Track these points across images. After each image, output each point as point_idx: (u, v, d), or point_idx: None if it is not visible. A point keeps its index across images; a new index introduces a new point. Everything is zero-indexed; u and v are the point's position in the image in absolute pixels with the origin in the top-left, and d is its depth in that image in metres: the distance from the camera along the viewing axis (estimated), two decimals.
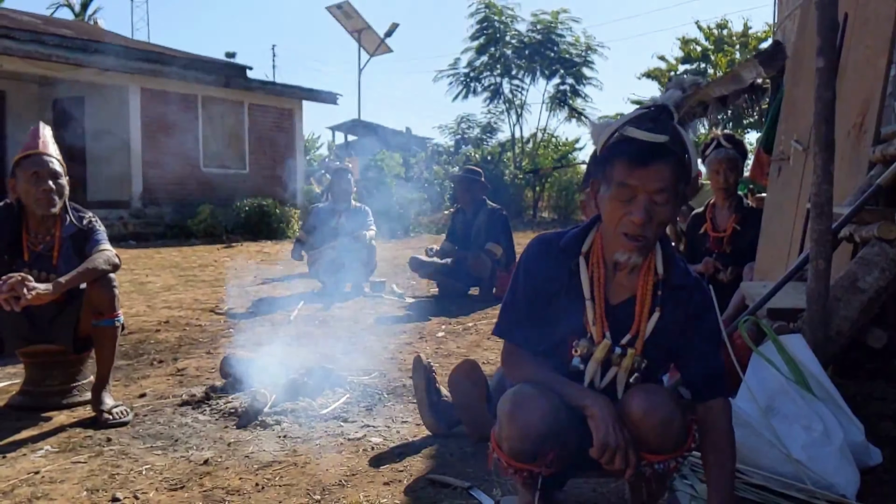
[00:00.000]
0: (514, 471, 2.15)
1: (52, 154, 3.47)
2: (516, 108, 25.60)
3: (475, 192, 7.25)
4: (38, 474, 2.74)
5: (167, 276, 8.83)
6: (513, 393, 2.11)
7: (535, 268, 2.21)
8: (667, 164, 1.98)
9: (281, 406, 3.47)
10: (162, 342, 5.05)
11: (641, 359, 2.13)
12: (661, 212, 2.01)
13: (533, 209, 23.40)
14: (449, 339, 5.25)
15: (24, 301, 3.10)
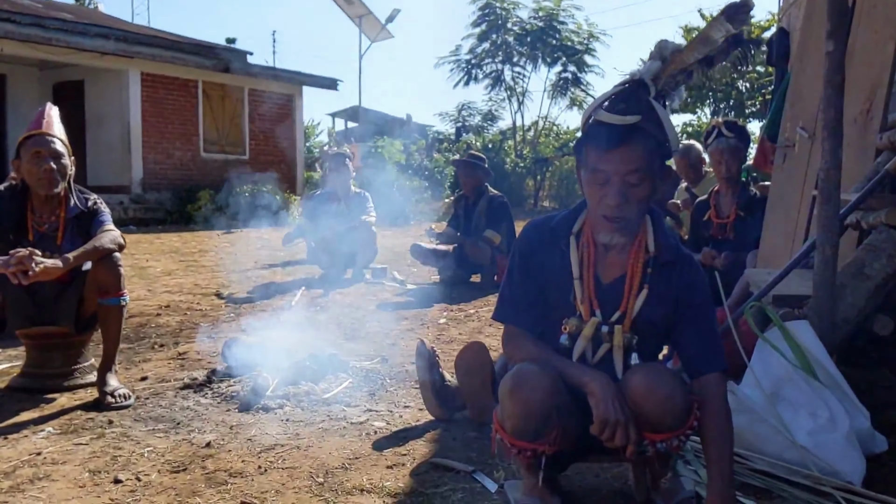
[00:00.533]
0: (517, 451, 2.15)
1: (56, 134, 3.46)
2: (518, 96, 25.50)
3: (478, 178, 7.22)
4: (40, 455, 2.73)
5: (167, 261, 8.81)
6: (514, 372, 2.12)
7: (529, 251, 2.26)
8: (638, 144, 2.02)
9: (283, 390, 3.46)
10: (163, 326, 5.04)
11: (632, 336, 2.15)
12: (637, 192, 2.05)
13: (534, 198, 23.35)
14: (451, 325, 5.24)
15: (32, 274, 3.08)
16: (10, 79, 16.09)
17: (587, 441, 2.20)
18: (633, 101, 2.07)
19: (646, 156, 2.04)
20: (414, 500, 2.37)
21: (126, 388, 3.45)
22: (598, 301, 2.18)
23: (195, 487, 2.46)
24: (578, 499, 2.36)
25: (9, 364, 3.96)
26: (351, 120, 33.78)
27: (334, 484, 2.49)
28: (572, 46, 24.65)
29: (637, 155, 2.02)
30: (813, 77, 4.29)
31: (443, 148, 23.95)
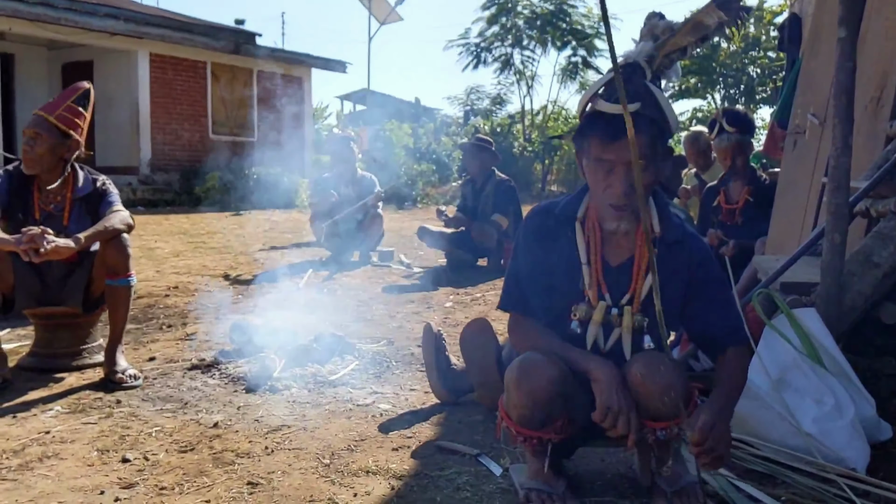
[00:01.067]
0: (523, 438, 2.17)
1: (47, 115, 3.43)
2: (527, 80, 25.37)
3: (485, 162, 7.19)
4: (49, 434, 2.76)
5: (176, 243, 8.83)
6: (520, 360, 2.13)
7: (534, 239, 2.25)
8: (639, 131, 1.97)
9: (290, 372, 3.48)
10: (171, 307, 5.06)
11: (642, 317, 2.16)
12: (643, 177, 2.01)
13: (542, 182, 23.30)
14: (457, 309, 5.25)
15: (44, 252, 3.09)
16: (19, 58, 16.09)
17: (593, 428, 2.21)
18: (631, 87, 2.04)
19: (648, 142, 2.04)
20: (419, 482, 2.38)
21: (134, 368, 3.48)
22: (607, 285, 2.18)
23: (203, 467, 2.48)
24: (583, 483, 2.37)
25: (18, 343, 3.99)
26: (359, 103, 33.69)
27: (340, 465, 2.51)
28: (582, 30, 24.50)
29: (640, 142, 1.99)
30: (824, 63, 4.26)
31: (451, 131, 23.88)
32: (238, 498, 2.26)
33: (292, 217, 13.28)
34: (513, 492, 2.30)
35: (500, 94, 26.65)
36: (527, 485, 2.23)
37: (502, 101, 26.81)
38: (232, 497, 2.26)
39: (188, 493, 2.29)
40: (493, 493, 2.31)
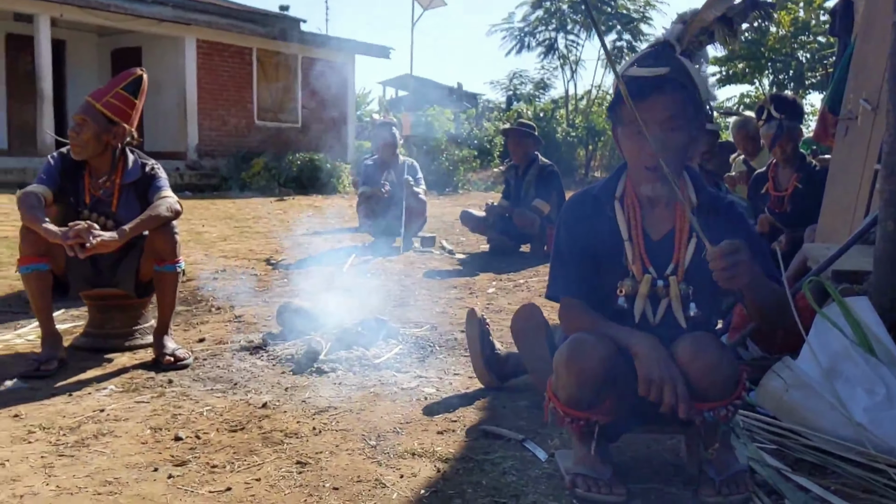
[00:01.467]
0: (570, 419, 2.18)
1: (94, 102, 3.49)
2: (571, 65, 25.20)
3: (528, 147, 7.16)
4: (104, 412, 2.83)
5: (223, 227, 8.96)
6: (569, 341, 2.15)
7: (574, 223, 2.31)
8: (669, 93, 2.10)
9: (335, 354, 3.52)
10: (219, 290, 5.14)
11: (687, 286, 2.19)
12: (674, 138, 2.12)
13: (585, 168, 23.14)
14: (500, 294, 5.25)
15: (90, 247, 3.16)
16: (70, 45, 16.41)
17: (642, 411, 2.22)
18: (663, 58, 2.16)
19: (678, 103, 2.12)
20: (465, 465, 2.40)
21: (184, 348, 3.55)
22: (650, 258, 2.22)
23: (252, 446, 2.53)
24: (630, 469, 2.37)
25: (72, 324, 4.09)
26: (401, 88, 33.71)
27: (386, 447, 2.54)
28: (628, 14, 24.25)
29: (670, 101, 2.10)
30: (878, 47, 4.16)
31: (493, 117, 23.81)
32: (287, 477, 2.30)
33: (335, 202, 13.38)
34: (558, 477, 2.30)
35: (543, 78, 26.56)
36: (573, 470, 2.23)
37: (545, 85, 26.70)
38: (281, 476, 2.30)
39: (239, 472, 2.34)
40: (539, 477, 2.32)
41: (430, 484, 2.27)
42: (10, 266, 5.73)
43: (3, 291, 4.89)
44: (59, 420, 2.74)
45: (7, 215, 9.10)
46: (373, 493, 2.20)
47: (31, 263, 3.30)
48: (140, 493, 2.18)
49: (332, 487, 2.23)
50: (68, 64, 16.37)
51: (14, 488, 2.20)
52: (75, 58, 16.58)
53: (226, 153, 16.49)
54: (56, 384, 3.14)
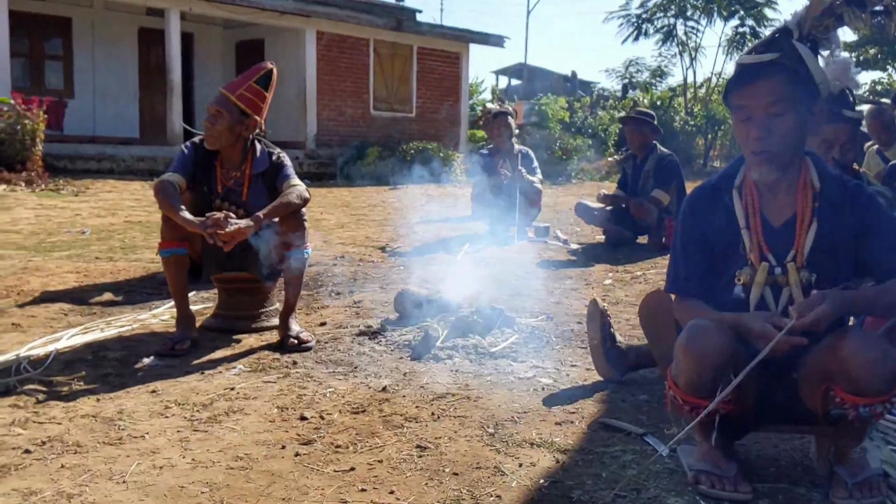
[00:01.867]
0: (689, 407, 2.13)
1: (229, 94, 3.61)
2: (690, 52, 24.41)
3: (646, 136, 6.99)
4: (234, 391, 2.96)
5: (339, 215, 9.19)
6: (689, 326, 2.13)
7: (693, 215, 2.30)
8: (774, 78, 2.09)
9: (451, 342, 3.55)
10: (338, 276, 5.29)
11: (810, 273, 2.14)
12: (781, 122, 2.09)
13: (704, 158, 22.45)
14: (616, 287, 5.17)
15: (227, 236, 3.30)
16: (197, 38, 17.17)
17: (766, 406, 2.16)
18: (776, 44, 2.16)
19: (784, 87, 2.09)
20: (584, 457, 2.39)
21: (308, 332, 3.67)
22: (769, 246, 2.19)
23: (374, 428, 2.59)
24: (756, 468, 2.30)
25: (202, 305, 4.29)
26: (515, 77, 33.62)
27: (504, 435, 2.55)
28: None
29: (774, 86, 2.08)
30: None
31: (608, 105, 23.40)
32: (408, 460, 2.35)
33: (448, 191, 13.46)
34: (680, 473, 2.26)
35: (660, 66, 25.83)
36: (696, 466, 2.19)
37: (663, 73, 25.97)
38: (402, 459, 2.35)
39: (361, 452, 2.40)
40: (660, 472, 2.28)
41: (549, 474, 2.26)
42: (144, 249, 6.07)
43: (137, 273, 5.17)
44: (193, 397, 2.88)
45: (139, 201, 9.63)
46: (492, 480, 2.21)
47: (170, 247, 3.48)
48: (269, 469, 2.27)
49: (451, 472, 2.26)
50: (195, 56, 17.13)
51: (154, 460, 2.33)
52: (202, 50, 17.35)
53: (342, 143, 16.87)
54: (189, 363, 3.31)
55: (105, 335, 3.68)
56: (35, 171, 10.72)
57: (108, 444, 2.43)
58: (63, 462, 2.30)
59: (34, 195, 9.49)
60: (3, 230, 6.78)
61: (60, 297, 4.40)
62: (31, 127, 10.93)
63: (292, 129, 16.59)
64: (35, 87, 14.24)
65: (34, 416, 2.66)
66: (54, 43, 15.67)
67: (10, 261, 5.39)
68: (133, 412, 2.71)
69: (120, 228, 7.29)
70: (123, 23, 16.13)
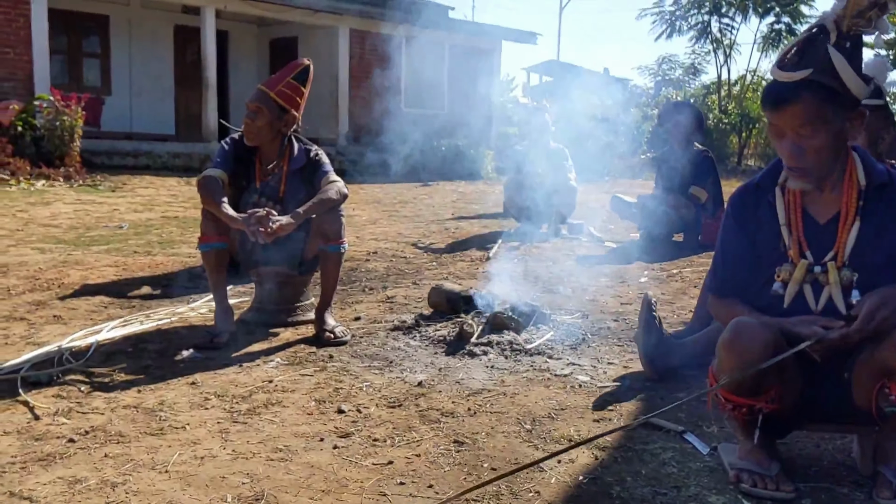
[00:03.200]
0: (732, 406, 2.11)
1: (268, 90, 3.64)
2: (724, 49, 24.10)
3: (686, 128, 6.85)
4: (272, 383, 2.99)
5: (371, 211, 9.23)
6: (732, 323, 2.10)
7: (737, 214, 2.29)
8: (807, 99, 2.02)
9: (486, 338, 3.55)
10: (372, 271, 5.31)
11: (851, 272, 2.11)
12: (812, 143, 2.06)
13: (738, 156, 22.18)
14: (652, 284, 5.13)
15: (270, 231, 3.33)
16: (232, 35, 17.31)
17: (809, 405, 2.14)
18: (810, 53, 2.06)
19: (816, 108, 2.04)
20: (623, 454, 2.37)
21: (343, 326, 3.69)
22: (811, 243, 2.17)
23: (411, 423, 2.60)
24: (798, 468, 2.27)
25: (239, 300, 4.32)
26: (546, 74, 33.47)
27: (542, 432, 2.54)
28: None
29: (806, 109, 2.03)
30: None
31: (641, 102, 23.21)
32: (446, 455, 2.35)
33: (478, 188, 13.49)
34: (721, 471, 2.24)
35: (694, 63, 25.61)
36: (737, 465, 2.17)
37: (696, 70, 25.75)
38: (440, 453, 2.36)
39: (399, 447, 2.41)
40: (700, 470, 2.26)
41: (588, 471, 2.25)
42: (181, 244, 6.14)
43: (175, 268, 5.23)
44: (232, 389, 2.91)
45: (175, 197, 9.74)
46: (531, 476, 2.21)
47: (210, 242, 3.52)
48: (309, 461, 2.29)
49: (490, 468, 2.26)
50: (230, 54, 17.28)
51: (195, 450, 2.36)
52: (237, 48, 17.49)
53: (373, 139, 16.91)
54: (228, 355, 3.34)
55: (144, 328, 3.73)
56: (73, 166, 10.90)
57: (149, 435, 2.47)
58: (106, 451, 2.33)
59: (72, 190, 9.64)
60: (43, 224, 6.90)
61: (100, 291, 4.46)
62: (70, 123, 11.10)
63: (324, 125, 16.66)
64: (73, 84, 14.43)
65: (77, 406, 2.71)
66: (92, 40, 15.88)
67: (51, 254, 5.48)
68: (174, 403, 2.74)
69: (157, 223, 7.38)
70: (160, 20, 16.31)
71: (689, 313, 4.17)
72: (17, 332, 3.60)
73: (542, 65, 33.76)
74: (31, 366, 3.07)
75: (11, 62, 12.56)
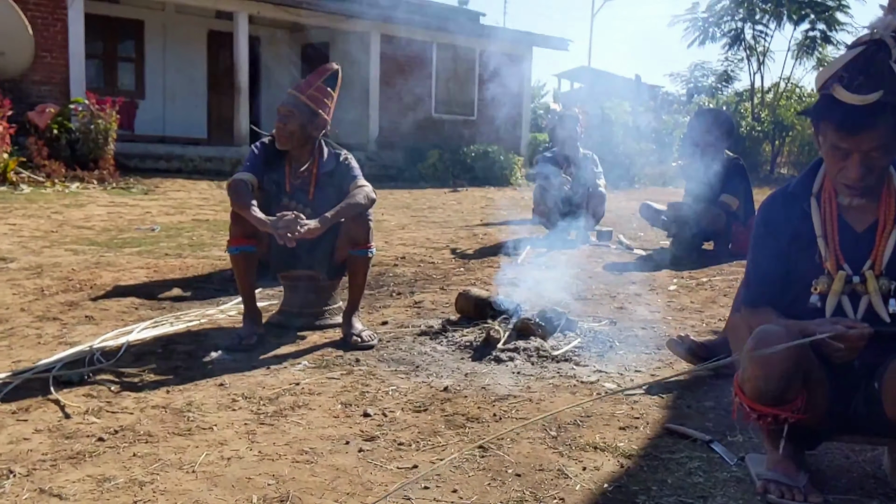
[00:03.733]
0: (757, 415, 2.09)
1: (299, 94, 3.67)
2: (758, 56, 23.87)
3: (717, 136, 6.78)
4: (299, 386, 3.01)
5: (400, 216, 9.25)
6: (755, 332, 2.07)
7: (769, 222, 2.25)
8: (882, 126, 1.97)
9: (513, 344, 3.54)
10: (400, 276, 5.32)
11: (889, 281, 2.08)
12: (881, 163, 2.04)
13: (771, 164, 21.94)
14: (681, 293, 5.09)
15: (298, 235, 3.36)
16: (264, 40, 17.49)
17: (839, 415, 2.11)
18: (874, 71, 1.98)
19: (889, 132, 1.98)
20: (649, 462, 2.35)
21: (370, 330, 3.70)
22: (848, 253, 2.13)
23: (436, 427, 2.60)
24: (826, 479, 2.24)
25: (267, 302, 4.36)
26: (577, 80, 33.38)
27: (567, 438, 2.53)
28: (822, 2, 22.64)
29: (883, 134, 1.98)
30: None
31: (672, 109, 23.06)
32: (470, 460, 2.35)
33: (508, 194, 13.48)
34: (748, 481, 2.21)
35: (727, 70, 25.35)
36: (765, 475, 2.14)
37: (729, 78, 25.49)
38: (465, 458, 2.35)
39: (424, 451, 2.41)
40: (727, 480, 2.24)
41: (613, 478, 2.24)
42: (211, 247, 6.20)
43: (205, 270, 5.29)
44: (260, 391, 2.93)
45: (206, 200, 9.85)
46: (556, 483, 2.20)
47: (240, 245, 3.55)
48: (334, 463, 2.30)
49: (514, 474, 2.25)
50: (262, 59, 17.44)
51: (222, 451, 2.38)
52: (269, 53, 17.65)
53: (403, 145, 16.98)
54: (256, 357, 3.37)
55: (174, 329, 3.77)
56: (107, 169, 11.07)
57: (177, 435, 2.50)
58: (135, 451, 2.36)
59: (106, 193, 9.79)
60: (77, 226, 7.01)
61: (131, 292, 4.52)
62: (104, 127, 11.28)
63: (355, 131, 16.76)
64: (108, 88, 14.66)
65: (107, 405, 2.75)
66: (127, 45, 16.13)
67: (84, 256, 5.56)
68: (202, 404, 2.77)
69: (188, 226, 7.47)
70: (193, 25, 16.53)
71: (720, 322, 4.13)
72: (50, 332, 3.67)
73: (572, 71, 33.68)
74: (63, 365, 3.12)
75: (48, 66, 12.79)
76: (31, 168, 10.16)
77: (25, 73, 12.37)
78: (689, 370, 3.16)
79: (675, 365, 3.36)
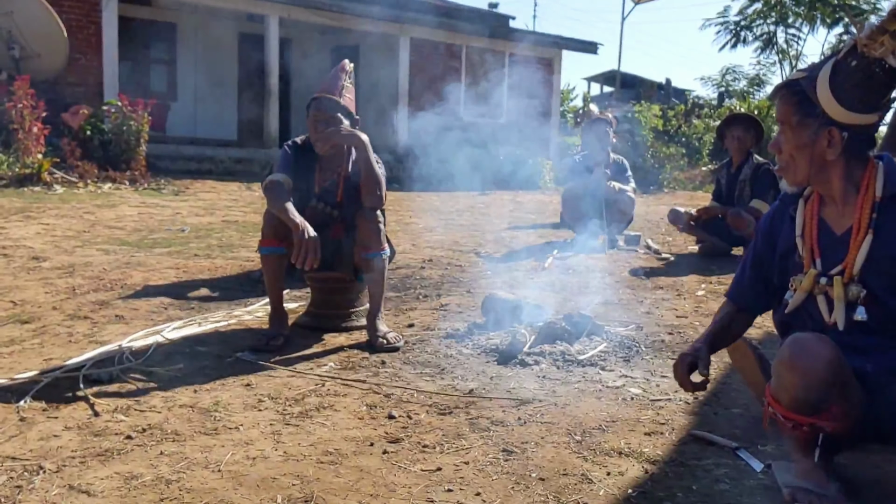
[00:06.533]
0: (792, 425, 2.05)
1: (334, 97, 3.70)
2: (790, 60, 23.64)
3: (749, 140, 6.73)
4: (324, 387, 3.02)
5: (428, 219, 9.27)
6: (792, 340, 2.05)
7: (765, 227, 2.36)
8: (779, 99, 2.15)
9: (539, 348, 3.53)
10: (426, 278, 5.33)
11: (859, 288, 2.08)
12: (785, 143, 2.16)
13: None
14: (709, 298, 5.04)
15: (309, 265, 3.37)
16: (294, 43, 17.61)
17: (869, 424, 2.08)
18: (822, 63, 2.11)
19: (784, 111, 2.12)
20: (674, 469, 2.33)
21: (396, 332, 3.71)
22: (825, 253, 2.17)
23: (460, 430, 2.60)
24: (856, 489, 2.20)
25: (295, 304, 4.38)
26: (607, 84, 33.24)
27: (592, 443, 2.52)
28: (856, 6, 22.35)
29: (778, 108, 2.15)
30: None
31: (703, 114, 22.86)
32: (494, 463, 2.34)
33: (536, 198, 13.44)
34: (775, 489, 2.19)
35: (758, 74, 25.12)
36: (794, 483, 2.11)
37: (761, 82, 25.27)
38: (489, 462, 2.35)
39: (448, 454, 2.41)
40: (754, 488, 2.21)
41: (638, 484, 2.22)
42: (240, 248, 6.25)
43: (234, 271, 5.33)
44: (285, 391, 2.95)
45: (236, 202, 9.94)
46: (579, 488, 2.19)
47: (271, 246, 3.58)
48: (358, 465, 2.31)
49: (538, 478, 2.25)
50: (292, 61, 17.58)
51: (247, 451, 2.40)
52: (299, 55, 17.78)
53: (432, 147, 16.99)
54: (282, 358, 3.39)
55: (203, 329, 3.81)
56: (138, 170, 11.21)
57: (204, 434, 2.52)
58: (162, 449, 2.39)
59: (137, 193, 9.91)
60: (109, 226, 7.10)
61: (161, 292, 4.58)
62: (136, 128, 11.43)
63: (384, 134, 16.83)
64: (141, 90, 14.84)
65: (135, 404, 2.78)
66: (159, 47, 16.34)
67: (115, 256, 5.64)
68: (228, 404, 2.79)
69: (217, 227, 7.54)
70: (225, 28, 16.71)
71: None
72: (81, 331, 3.72)
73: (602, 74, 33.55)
74: (93, 364, 3.16)
75: (82, 68, 13.00)
76: (64, 168, 10.32)
77: (60, 75, 12.58)
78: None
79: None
